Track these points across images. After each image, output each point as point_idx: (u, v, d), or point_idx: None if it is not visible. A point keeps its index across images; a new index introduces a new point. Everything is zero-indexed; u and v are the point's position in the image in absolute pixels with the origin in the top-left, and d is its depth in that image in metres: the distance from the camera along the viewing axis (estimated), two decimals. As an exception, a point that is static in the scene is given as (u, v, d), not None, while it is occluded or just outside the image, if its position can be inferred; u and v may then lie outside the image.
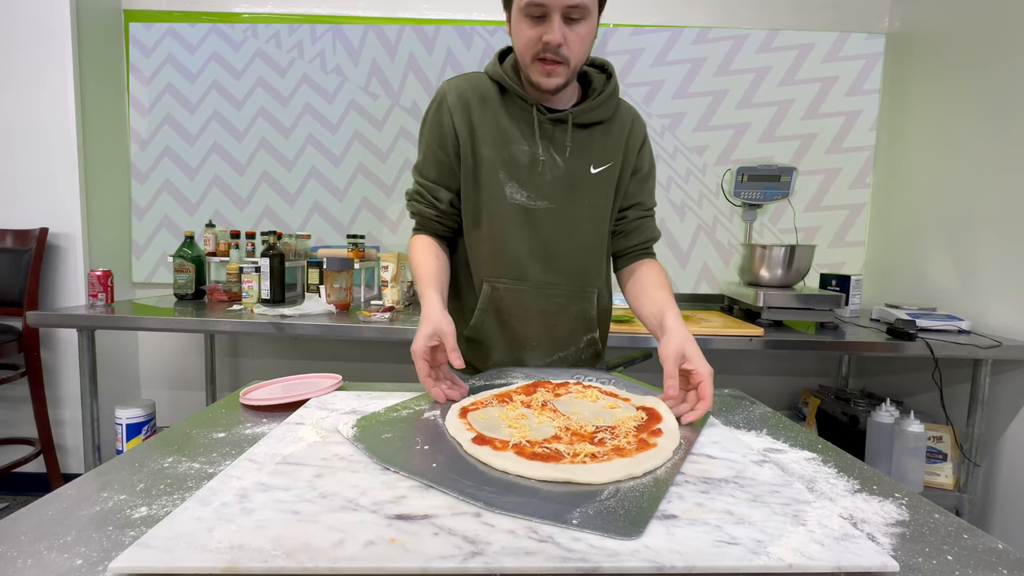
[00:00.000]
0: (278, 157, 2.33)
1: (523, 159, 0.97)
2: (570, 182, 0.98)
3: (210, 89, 2.30)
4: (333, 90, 2.31)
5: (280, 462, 0.57)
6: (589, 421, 0.68)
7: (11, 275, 1.98)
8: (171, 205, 2.34)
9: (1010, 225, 1.69)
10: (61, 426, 2.18)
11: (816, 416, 2.08)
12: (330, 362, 2.42)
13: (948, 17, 1.98)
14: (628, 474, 0.54)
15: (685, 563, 0.40)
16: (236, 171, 2.33)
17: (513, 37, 0.93)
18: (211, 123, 2.31)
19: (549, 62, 0.88)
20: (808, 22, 2.27)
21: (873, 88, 2.26)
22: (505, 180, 0.97)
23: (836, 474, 0.61)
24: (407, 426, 0.69)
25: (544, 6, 0.84)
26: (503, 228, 0.98)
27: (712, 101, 2.29)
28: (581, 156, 0.99)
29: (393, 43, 2.28)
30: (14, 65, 2.03)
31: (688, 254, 2.35)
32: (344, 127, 2.32)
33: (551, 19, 0.85)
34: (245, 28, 2.28)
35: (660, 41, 2.27)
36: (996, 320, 1.73)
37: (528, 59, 0.90)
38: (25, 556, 0.41)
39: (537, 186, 0.97)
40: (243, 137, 2.32)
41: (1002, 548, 0.47)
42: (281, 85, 2.30)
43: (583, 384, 0.86)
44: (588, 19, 0.88)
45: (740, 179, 2.22)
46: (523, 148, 0.96)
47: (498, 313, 1.02)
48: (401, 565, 0.40)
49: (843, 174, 2.29)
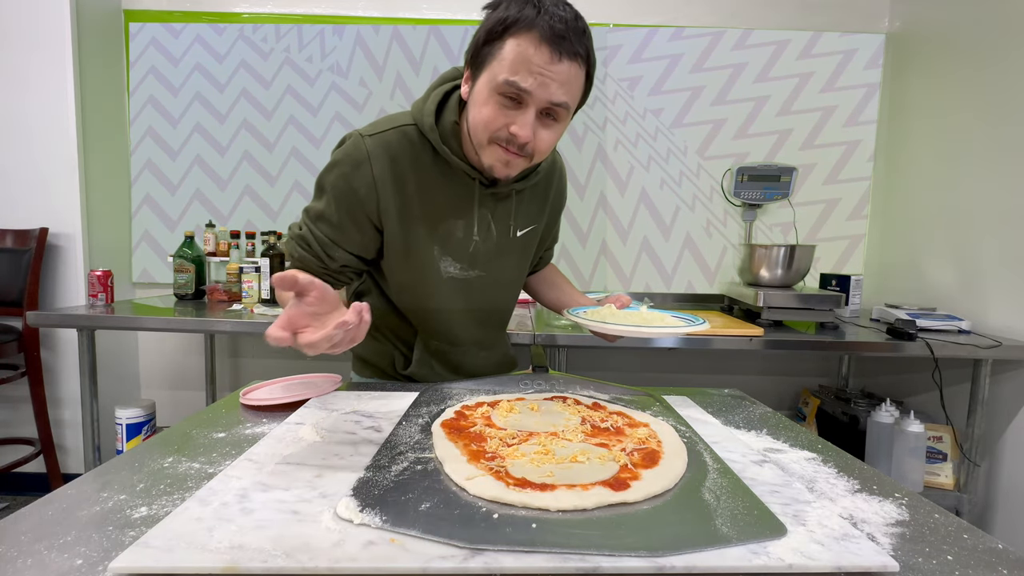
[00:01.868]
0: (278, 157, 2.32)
1: (458, 233, 0.89)
2: (498, 249, 0.94)
3: (210, 89, 2.30)
4: (333, 90, 2.31)
5: (280, 462, 0.57)
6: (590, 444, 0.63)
7: (11, 275, 1.98)
8: (171, 205, 2.33)
9: (1010, 225, 1.69)
10: (61, 426, 2.17)
11: (816, 416, 2.08)
12: (330, 362, 2.41)
13: (948, 17, 1.98)
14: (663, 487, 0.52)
15: (685, 563, 0.40)
16: (236, 169, 2.32)
17: (472, 108, 0.77)
18: (212, 122, 2.31)
19: (511, 152, 0.77)
20: (808, 22, 2.27)
21: (873, 88, 2.26)
22: (440, 256, 0.90)
23: (836, 474, 0.61)
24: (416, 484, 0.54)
25: (527, 93, 0.72)
26: (438, 302, 0.93)
27: (712, 101, 2.28)
28: (506, 222, 0.93)
29: (393, 43, 2.28)
30: (14, 65, 2.03)
31: (688, 254, 2.35)
32: (345, 127, 2.32)
33: (526, 110, 0.73)
34: (245, 28, 2.28)
35: (659, 41, 2.26)
36: (996, 320, 1.73)
37: (484, 140, 0.78)
38: (25, 556, 0.41)
39: (471, 257, 0.92)
40: (245, 136, 2.31)
41: (1002, 548, 0.47)
42: (282, 85, 2.30)
43: (563, 397, 0.82)
44: (563, 120, 0.78)
45: (740, 179, 2.22)
46: (459, 223, 0.88)
47: (437, 359, 1.00)
48: (401, 565, 0.39)
49: (843, 174, 2.29)
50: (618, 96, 2.28)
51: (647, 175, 2.32)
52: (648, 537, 0.44)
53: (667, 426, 0.69)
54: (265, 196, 2.33)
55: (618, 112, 2.29)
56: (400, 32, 2.27)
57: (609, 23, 2.26)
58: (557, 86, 0.72)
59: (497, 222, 0.92)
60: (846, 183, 2.30)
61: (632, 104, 2.29)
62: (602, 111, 2.29)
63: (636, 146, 2.31)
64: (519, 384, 0.90)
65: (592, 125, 2.30)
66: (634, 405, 0.80)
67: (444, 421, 0.69)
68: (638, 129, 2.30)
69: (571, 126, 2.28)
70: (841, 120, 2.27)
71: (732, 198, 2.27)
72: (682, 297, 2.35)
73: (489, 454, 0.58)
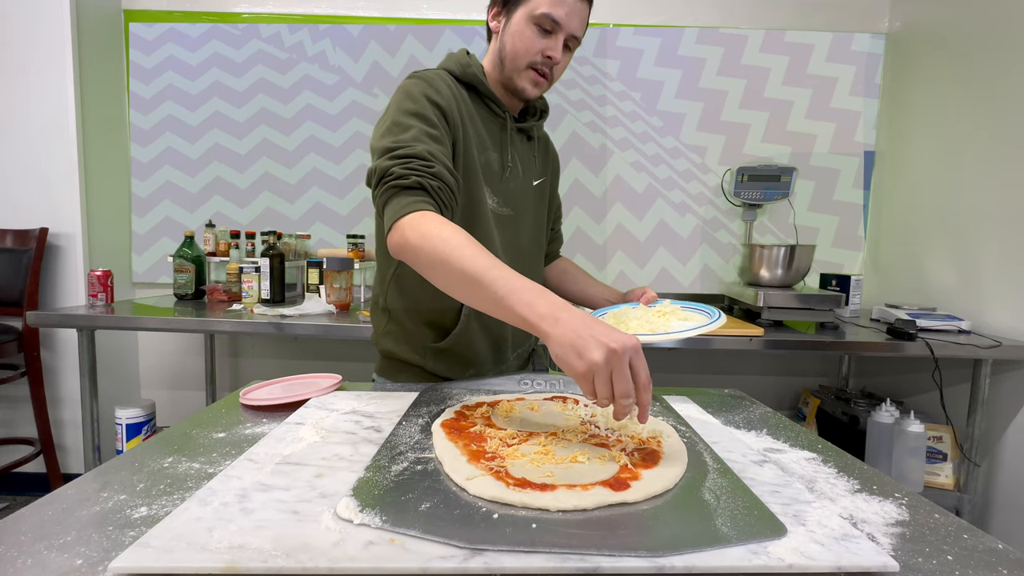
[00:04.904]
0: (278, 156, 2.33)
1: (495, 166, 0.97)
2: (524, 192, 1.03)
3: (210, 88, 2.30)
4: (333, 90, 2.31)
5: (280, 462, 0.57)
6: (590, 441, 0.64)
7: (11, 275, 1.98)
8: (171, 205, 2.34)
9: (1010, 225, 1.69)
10: (61, 426, 2.18)
11: (816, 416, 2.08)
12: (330, 362, 2.42)
13: (948, 17, 1.98)
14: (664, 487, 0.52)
15: (685, 563, 0.40)
16: (237, 170, 2.33)
17: (510, 40, 0.92)
18: (211, 122, 2.31)
19: (540, 74, 0.93)
20: (808, 22, 2.27)
21: (873, 88, 2.26)
22: (484, 184, 0.95)
23: (836, 474, 0.61)
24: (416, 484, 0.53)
25: (560, 25, 0.89)
26: (487, 233, 0.95)
27: (713, 101, 2.29)
28: (527, 168, 1.04)
29: (394, 43, 2.28)
30: (14, 65, 2.03)
31: (688, 254, 2.35)
32: (345, 127, 2.32)
33: (557, 37, 0.90)
34: (245, 28, 2.28)
35: (660, 41, 2.27)
36: (996, 320, 1.73)
37: (522, 65, 0.92)
38: (25, 556, 0.41)
39: (504, 193, 0.98)
40: (244, 136, 2.32)
41: (1002, 548, 0.47)
42: (282, 84, 2.30)
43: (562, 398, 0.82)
44: (573, 51, 0.95)
45: (740, 179, 2.22)
46: (495, 155, 0.97)
47: (480, 318, 0.98)
48: (401, 565, 0.39)
49: (843, 174, 2.29)
50: (618, 96, 2.28)
51: (649, 175, 2.32)
52: (648, 537, 0.44)
53: (667, 426, 0.69)
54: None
55: (619, 112, 2.29)
56: (401, 32, 2.28)
57: (609, 23, 2.26)
58: (579, 21, 0.91)
59: (523, 164, 1.03)
60: (846, 183, 2.30)
61: (632, 104, 2.29)
62: (606, 110, 2.29)
63: (643, 144, 2.31)
64: (519, 384, 0.90)
65: (597, 124, 2.30)
66: (634, 405, 0.80)
67: (444, 421, 0.69)
68: (644, 127, 2.30)
69: (575, 125, 2.29)
70: (841, 120, 2.27)
71: (732, 198, 2.27)
72: (682, 297, 2.34)
73: (489, 454, 0.58)
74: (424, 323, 0.98)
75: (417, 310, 0.98)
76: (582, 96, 2.29)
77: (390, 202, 0.79)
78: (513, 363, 1.08)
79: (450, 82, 0.93)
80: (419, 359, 0.99)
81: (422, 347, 0.99)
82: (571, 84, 2.28)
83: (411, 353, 0.99)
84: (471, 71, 0.95)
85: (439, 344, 0.98)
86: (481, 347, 1.00)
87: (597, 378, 0.56)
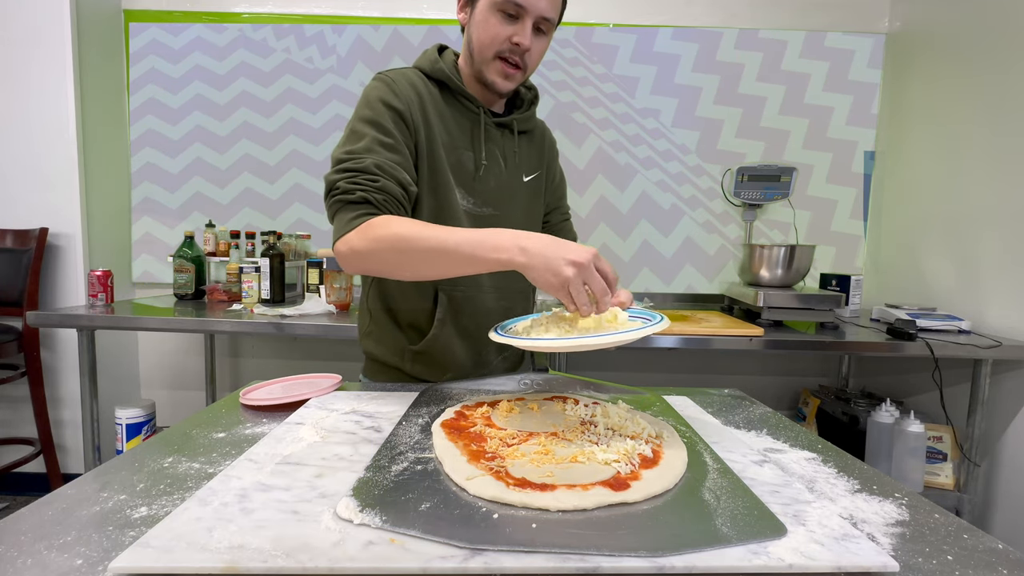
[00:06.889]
0: (276, 155, 2.32)
1: (468, 165, 0.93)
2: (510, 190, 0.99)
3: (210, 89, 2.30)
4: (333, 90, 2.31)
5: (280, 462, 0.57)
6: None
7: (11, 275, 1.98)
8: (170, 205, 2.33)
9: (1010, 225, 1.69)
10: (61, 426, 2.18)
11: (816, 416, 2.08)
12: (330, 362, 2.42)
13: (948, 17, 1.98)
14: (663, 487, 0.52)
15: (685, 563, 0.40)
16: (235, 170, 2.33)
17: (476, 31, 0.88)
18: (212, 121, 2.31)
19: (510, 64, 0.88)
20: (808, 22, 2.27)
21: (873, 88, 2.26)
22: (456, 185, 0.92)
23: (836, 474, 0.61)
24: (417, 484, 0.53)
25: (524, 8, 0.83)
26: None
27: (713, 101, 2.29)
28: (515, 164, 0.99)
29: (394, 43, 2.28)
30: (14, 65, 2.03)
31: (688, 254, 2.35)
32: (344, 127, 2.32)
33: (523, 22, 0.85)
34: (245, 28, 2.28)
35: (662, 41, 2.26)
36: (996, 320, 1.73)
37: (489, 55, 0.88)
38: (25, 556, 0.41)
39: (481, 193, 0.95)
40: (244, 136, 2.32)
41: (1002, 548, 0.47)
42: (281, 84, 2.30)
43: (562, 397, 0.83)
44: (549, 35, 0.89)
45: (740, 179, 2.22)
46: (468, 154, 0.93)
47: (456, 322, 0.96)
48: (401, 565, 0.39)
49: (843, 172, 2.29)
50: (618, 96, 2.28)
51: (647, 175, 2.32)
52: (648, 537, 0.44)
53: (667, 426, 0.69)
54: (265, 195, 2.33)
55: (618, 112, 2.29)
56: (400, 32, 2.27)
57: (609, 23, 2.26)
58: (547, 1, 0.84)
59: (505, 160, 0.98)
60: (846, 183, 2.30)
61: (632, 104, 2.29)
62: (602, 111, 2.29)
63: (636, 146, 2.31)
64: (519, 384, 0.90)
65: (592, 125, 2.30)
66: (634, 405, 0.80)
67: (444, 421, 0.69)
68: (638, 129, 2.30)
69: (571, 124, 2.28)
70: (841, 120, 2.27)
71: (732, 198, 2.27)
72: (682, 297, 2.35)
73: (489, 454, 0.58)
74: (401, 325, 0.98)
75: (394, 311, 0.98)
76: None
77: (336, 216, 0.82)
78: (499, 366, 1.05)
79: (417, 81, 0.91)
80: (398, 361, 0.99)
81: (400, 349, 0.98)
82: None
83: (390, 355, 0.99)
84: (439, 67, 0.92)
85: (415, 347, 0.97)
86: (458, 351, 0.98)
87: (573, 289, 0.64)
